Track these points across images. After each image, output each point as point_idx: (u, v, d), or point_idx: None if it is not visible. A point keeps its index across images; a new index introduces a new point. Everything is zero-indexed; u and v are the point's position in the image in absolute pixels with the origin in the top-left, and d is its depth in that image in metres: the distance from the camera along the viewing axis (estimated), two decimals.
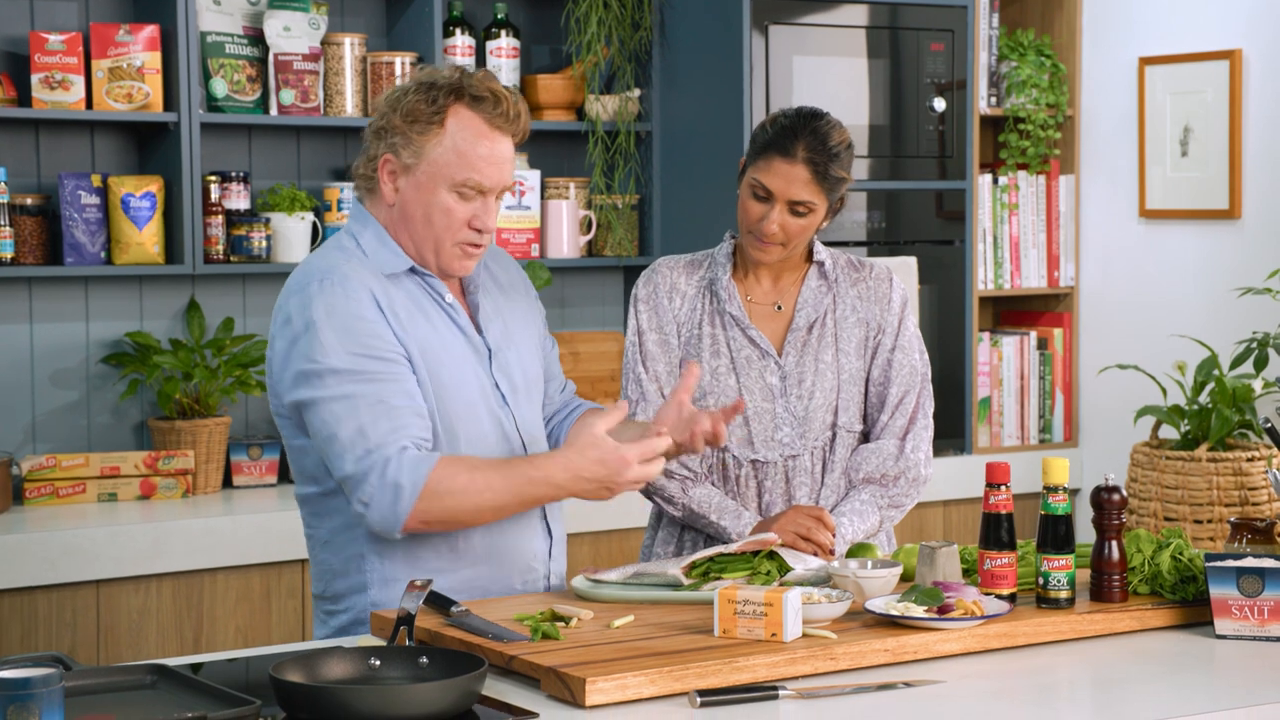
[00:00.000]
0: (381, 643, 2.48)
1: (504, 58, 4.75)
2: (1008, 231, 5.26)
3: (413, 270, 2.76)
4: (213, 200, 4.38)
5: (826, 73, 4.79)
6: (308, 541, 2.83)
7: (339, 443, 2.61)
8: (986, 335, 5.24)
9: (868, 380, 3.17)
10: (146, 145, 4.45)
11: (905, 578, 2.80)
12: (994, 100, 5.26)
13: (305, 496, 2.79)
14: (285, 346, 2.69)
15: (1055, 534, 2.64)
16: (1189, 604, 2.68)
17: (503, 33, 4.76)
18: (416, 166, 2.70)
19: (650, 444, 2.62)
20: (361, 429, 2.60)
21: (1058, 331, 5.33)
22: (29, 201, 4.26)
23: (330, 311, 2.65)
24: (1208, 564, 2.62)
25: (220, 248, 4.40)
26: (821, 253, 3.18)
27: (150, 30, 4.29)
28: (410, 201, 2.72)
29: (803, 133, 3.02)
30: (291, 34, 4.47)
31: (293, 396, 2.67)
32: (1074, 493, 5.14)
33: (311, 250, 4.52)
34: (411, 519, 2.60)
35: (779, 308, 3.16)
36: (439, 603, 2.59)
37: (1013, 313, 5.47)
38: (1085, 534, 2.82)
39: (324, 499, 2.76)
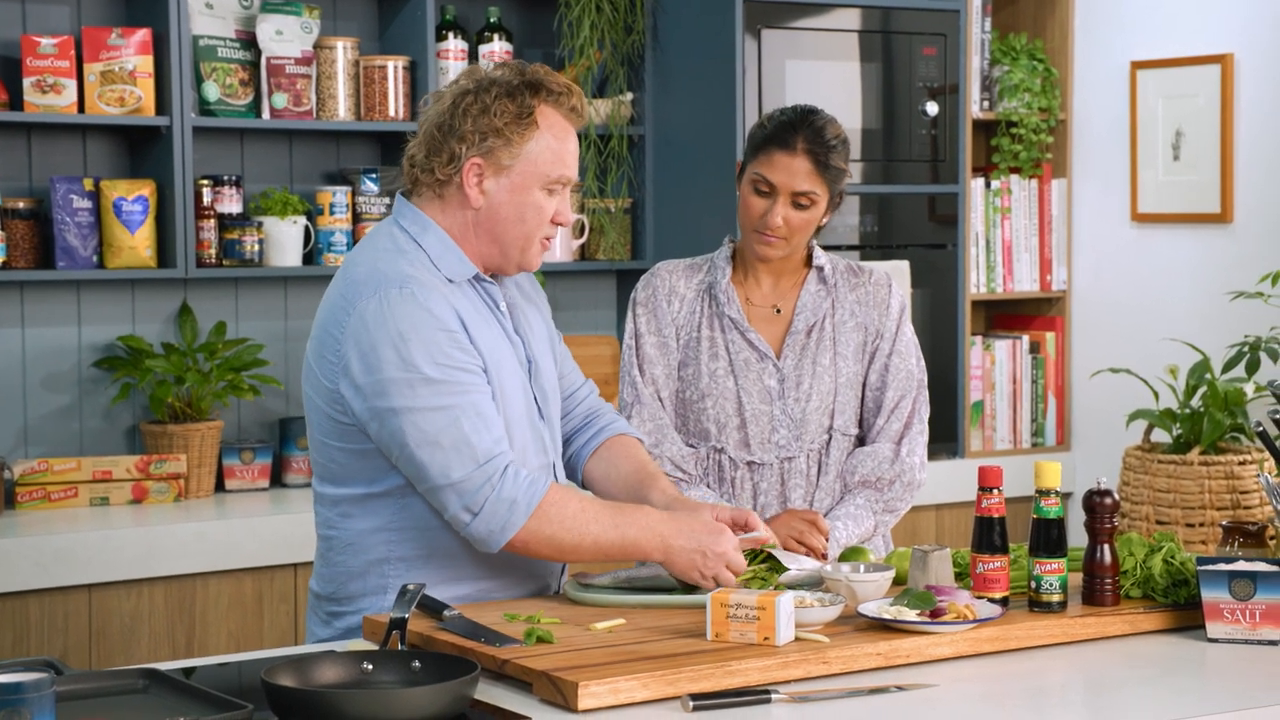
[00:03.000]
0: (374, 647, 2.48)
1: (496, 62, 4.75)
2: (1000, 235, 5.27)
3: (475, 277, 2.73)
4: (205, 204, 4.38)
5: (819, 77, 4.80)
6: (322, 542, 2.79)
7: (442, 449, 2.59)
8: (979, 339, 5.24)
9: (865, 385, 3.18)
10: (138, 149, 4.45)
11: (898, 581, 2.80)
12: (986, 104, 5.27)
13: (339, 497, 2.73)
14: (367, 352, 2.61)
15: (1048, 538, 2.64)
16: (1181, 607, 2.69)
17: (495, 36, 4.76)
18: (513, 167, 2.68)
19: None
20: (466, 439, 2.59)
21: (1050, 335, 5.34)
22: (21, 205, 4.26)
23: (416, 321, 2.60)
24: (1199, 567, 2.62)
25: (212, 252, 4.39)
26: (820, 257, 3.19)
27: (142, 34, 4.29)
28: (502, 203, 2.69)
29: (801, 126, 3.06)
30: (284, 38, 4.46)
31: (378, 403, 2.61)
32: (1066, 496, 5.13)
33: (304, 253, 4.52)
34: (518, 537, 2.62)
35: (778, 311, 3.17)
36: (431, 606, 2.59)
37: (1005, 316, 5.48)
38: (1077, 537, 2.82)
39: (364, 500, 2.71)
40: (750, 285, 3.18)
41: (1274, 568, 2.60)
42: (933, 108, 4.99)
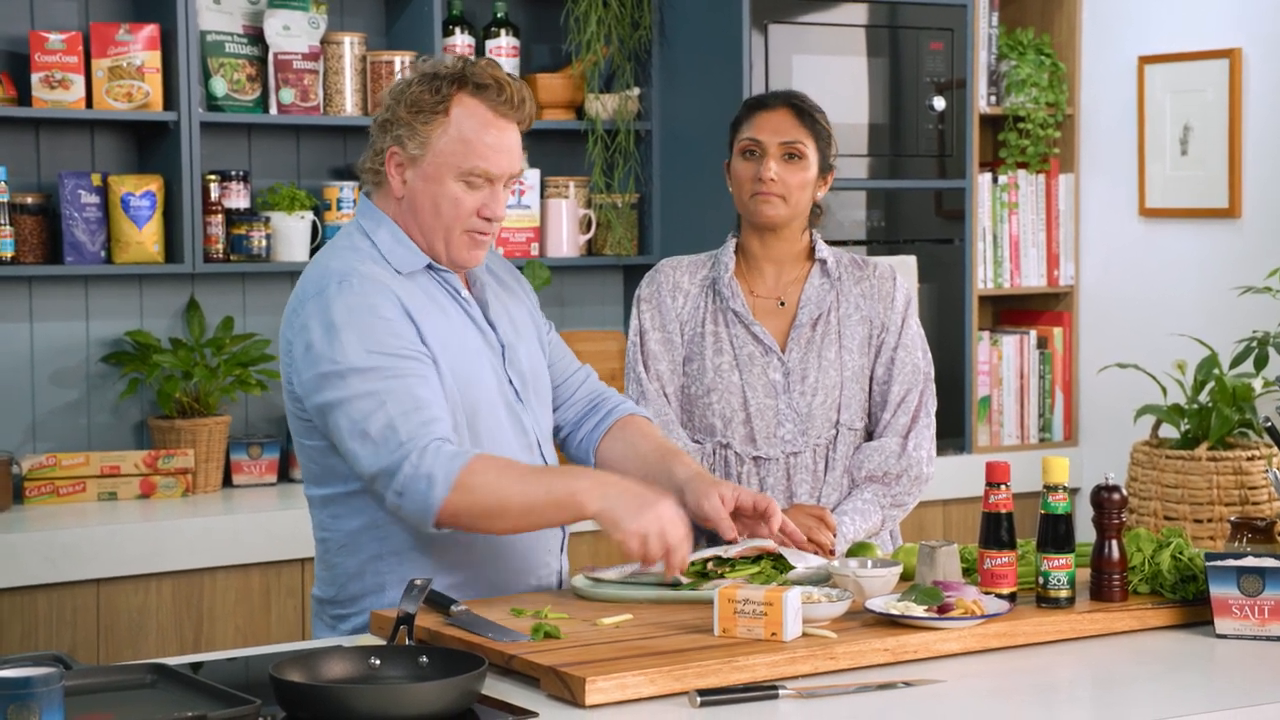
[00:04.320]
0: (381, 642, 2.48)
1: (504, 56, 4.75)
2: (1007, 230, 5.26)
3: (429, 267, 2.75)
4: (212, 199, 4.38)
5: (826, 71, 4.79)
6: (319, 546, 2.80)
7: (370, 439, 2.59)
8: (986, 334, 5.24)
9: (871, 379, 3.18)
10: (146, 144, 4.45)
11: (905, 577, 2.80)
12: (994, 99, 5.26)
13: (326, 498, 2.75)
14: (304, 350, 2.65)
15: (1055, 533, 2.64)
16: (1189, 603, 2.68)
17: (502, 31, 4.76)
18: (423, 158, 2.70)
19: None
20: (391, 423, 2.58)
21: (1057, 330, 5.33)
22: (29, 200, 4.26)
23: (350, 312, 2.63)
24: (1208, 563, 2.62)
25: (220, 247, 4.40)
26: (824, 250, 3.19)
27: (150, 29, 4.29)
28: (418, 193, 2.71)
29: (778, 92, 3.17)
30: (291, 33, 4.47)
31: (317, 399, 2.64)
32: (1074, 492, 5.14)
33: (311, 249, 4.52)
34: (444, 511, 2.57)
35: (782, 304, 3.17)
36: (439, 602, 2.59)
37: (1012, 312, 5.47)
38: (1085, 533, 2.82)
39: (348, 499, 2.73)
40: (754, 278, 3.18)
41: None
42: (940, 103, 4.98)
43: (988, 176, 5.23)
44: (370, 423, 2.58)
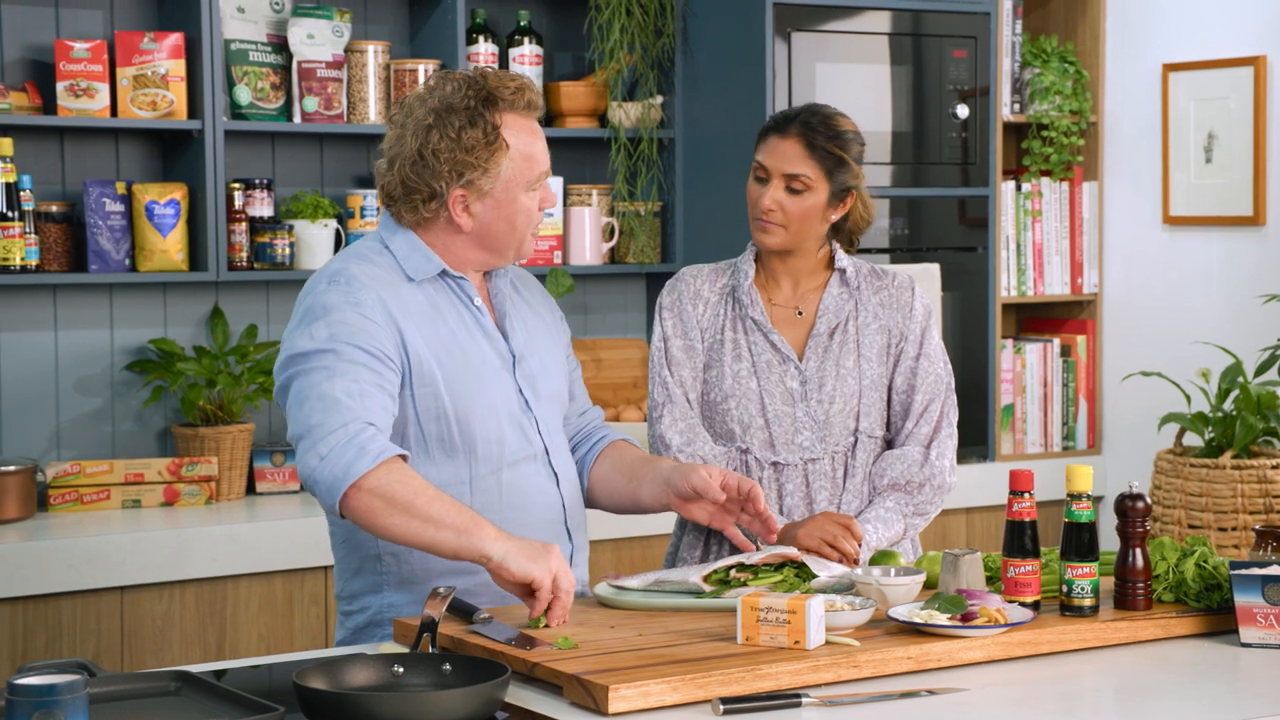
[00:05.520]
0: (404, 649, 2.48)
1: (527, 65, 4.76)
2: (1031, 238, 5.25)
3: (443, 274, 2.79)
4: (236, 207, 4.40)
5: (849, 79, 4.79)
6: (331, 540, 2.86)
7: (308, 401, 2.61)
8: (1010, 342, 5.23)
9: (890, 388, 3.18)
10: (171, 153, 4.47)
11: (929, 585, 2.80)
12: (1017, 107, 5.25)
13: None
14: (284, 340, 2.74)
15: (1079, 541, 2.63)
16: (1213, 612, 2.68)
17: (526, 40, 4.77)
18: (495, 187, 2.74)
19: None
20: (335, 395, 2.60)
21: (1081, 338, 5.32)
22: (54, 209, 4.28)
23: (329, 306, 2.69)
24: (1232, 572, 2.61)
25: (244, 255, 4.41)
26: (843, 260, 3.19)
27: (174, 38, 4.31)
28: (491, 220, 2.76)
29: (799, 113, 3.13)
30: (315, 42, 4.48)
31: (279, 380, 2.70)
32: (1098, 500, 5.12)
33: (335, 255, 4.54)
34: (359, 484, 2.54)
35: (800, 313, 3.18)
36: (461, 610, 2.60)
37: (1036, 320, 5.46)
38: (1109, 541, 2.81)
39: None
40: (772, 288, 3.19)
41: None
42: (963, 110, 4.98)
43: (1011, 184, 5.22)
44: (317, 389, 2.61)
